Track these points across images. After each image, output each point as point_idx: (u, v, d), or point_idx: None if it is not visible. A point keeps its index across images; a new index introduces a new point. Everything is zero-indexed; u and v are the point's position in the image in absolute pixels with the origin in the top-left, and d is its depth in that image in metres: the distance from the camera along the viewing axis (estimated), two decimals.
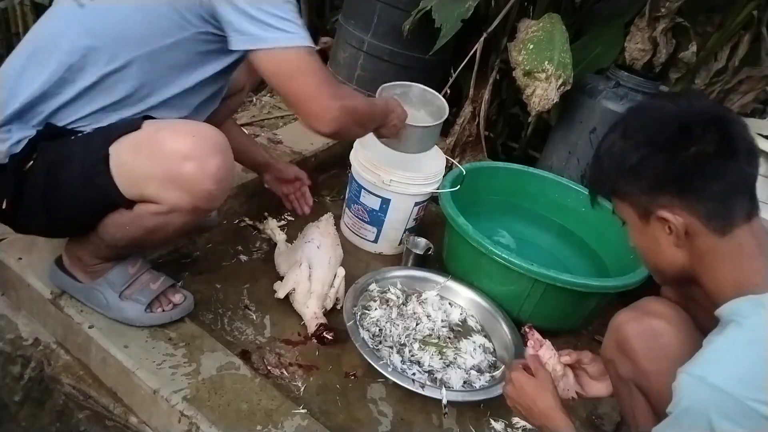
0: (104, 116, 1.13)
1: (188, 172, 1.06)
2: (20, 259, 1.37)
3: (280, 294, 1.47)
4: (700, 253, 0.91)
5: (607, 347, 1.04)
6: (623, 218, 1.01)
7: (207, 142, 1.09)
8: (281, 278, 1.53)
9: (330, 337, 1.40)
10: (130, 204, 1.12)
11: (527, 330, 1.25)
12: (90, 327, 1.26)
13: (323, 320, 1.43)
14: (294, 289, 1.47)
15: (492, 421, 1.37)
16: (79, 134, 1.12)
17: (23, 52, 1.15)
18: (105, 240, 1.19)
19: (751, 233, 0.89)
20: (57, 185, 1.11)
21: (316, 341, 1.42)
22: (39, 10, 2.78)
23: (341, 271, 1.54)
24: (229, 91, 1.44)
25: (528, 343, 1.23)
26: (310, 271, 1.49)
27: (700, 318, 1.00)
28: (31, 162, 1.10)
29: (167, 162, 1.07)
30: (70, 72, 1.09)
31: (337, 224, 1.93)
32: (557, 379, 1.16)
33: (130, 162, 1.08)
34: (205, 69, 1.18)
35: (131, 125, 1.10)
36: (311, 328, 1.42)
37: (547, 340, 1.23)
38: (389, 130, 1.45)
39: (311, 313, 1.43)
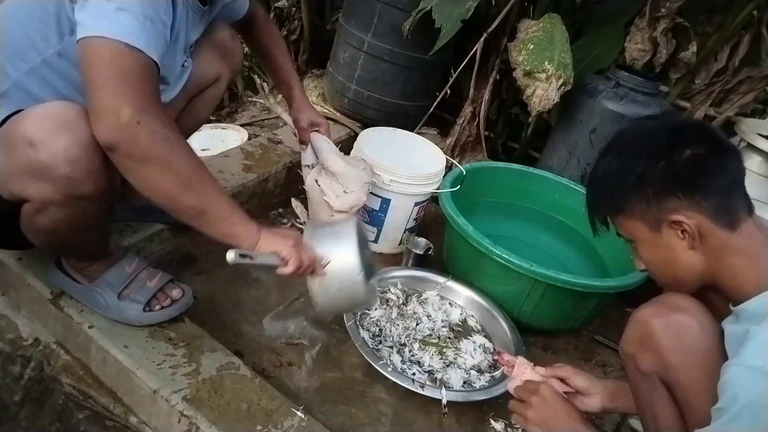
0: None
1: (35, 159, 0.95)
2: (20, 259, 1.37)
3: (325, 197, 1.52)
4: (714, 252, 0.93)
5: (629, 342, 1.03)
6: (631, 237, 1.03)
7: (50, 120, 0.96)
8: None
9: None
10: (14, 206, 1.04)
11: (496, 357, 1.26)
12: (90, 327, 1.26)
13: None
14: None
15: (492, 421, 1.37)
16: None
17: None
18: (37, 246, 1.15)
19: (756, 226, 0.94)
20: None
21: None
22: None
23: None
24: (203, 83, 1.43)
25: (513, 372, 1.22)
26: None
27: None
28: None
29: (17, 152, 0.97)
30: None
31: None
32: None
33: None
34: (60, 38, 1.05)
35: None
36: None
37: (518, 357, 1.24)
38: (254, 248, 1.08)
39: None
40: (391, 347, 1.44)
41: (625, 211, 1.00)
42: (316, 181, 1.56)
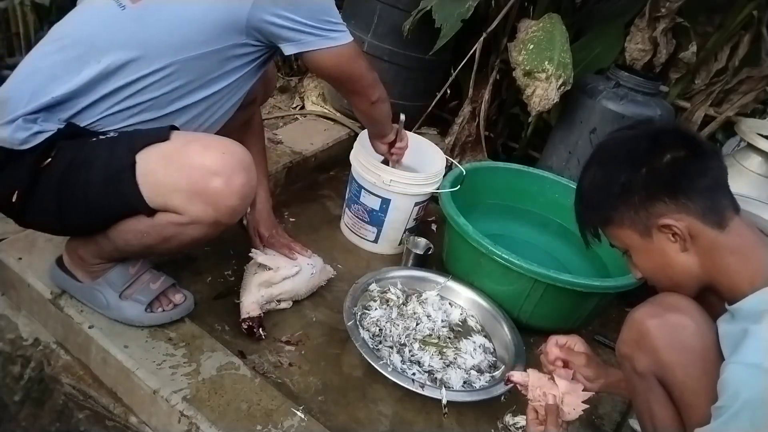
0: (127, 117, 1.14)
1: (215, 188, 1.08)
2: (20, 259, 1.37)
3: (260, 259, 1.47)
4: (707, 252, 0.94)
5: (625, 342, 1.03)
6: (624, 246, 1.04)
7: (234, 158, 1.11)
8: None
9: (261, 334, 1.39)
10: (151, 212, 1.12)
11: (508, 382, 1.22)
12: (90, 327, 1.26)
13: (259, 314, 1.41)
14: (266, 269, 1.45)
15: (492, 421, 1.37)
16: (101, 136, 1.12)
17: (55, 47, 1.15)
18: (116, 243, 1.18)
19: (744, 225, 0.95)
20: (75, 186, 1.11)
21: (244, 328, 1.39)
22: (39, 10, 2.78)
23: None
24: (242, 102, 1.45)
25: (530, 384, 1.18)
26: (293, 278, 1.48)
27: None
28: (49, 159, 1.10)
29: (195, 176, 1.08)
30: (104, 73, 1.10)
31: (337, 224, 1.93)
32: (560, 401, 1.14)
33: (158, 172, 1.09)
34: (230, 77, 1.22)
35: (159, 135, 1.12)
36: (246, 313, 1.40)
37: (529, 371, 1.20)
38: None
39: (254, 299, 1.42)
40: (391, 347, 1.44)
41: (614, 221, 1.01)
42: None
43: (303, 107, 2.59)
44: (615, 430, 1.46)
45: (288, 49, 1.21)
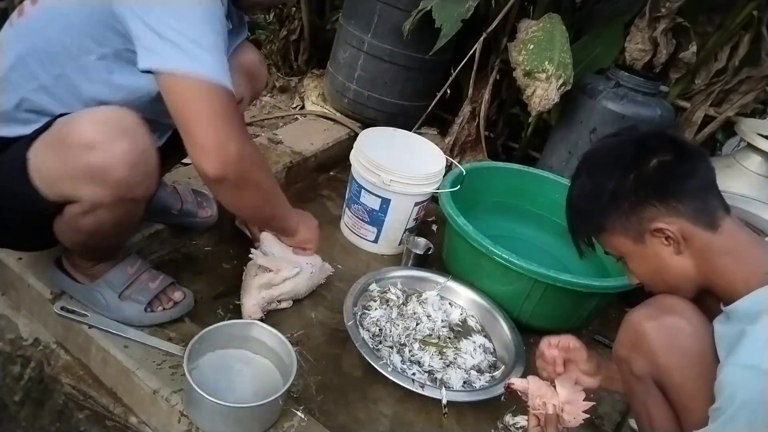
0: (30, 124, 1.09)
1: (95, 162, 0.97)
2: (20, 259, 1.37)
3: (260, 261, 1.43)
4: (701, 254, 0.94)
5: (622, 345, 1.03)
6: (618, 253, 1.04)
7: (111, 125, 0.99)
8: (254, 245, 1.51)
9: None
10: (60, 208, 1.06)
11: (508, 389, 1.21)
12: (90, 327, 1.26)
13: (261, 316, 1.41)
14: (266, 270, 1.44)
15: (492, 421, 1.37)
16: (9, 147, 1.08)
17: None
18: (67, 246, 1.16)
19: (736, 225, 0.95)
20: None
21: None
22: None
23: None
24: None
25: (530, 392, 1.17)
26: (293, 278, 1.47)
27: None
28: None
29: (73, 155, 0.98)
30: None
31: (337, 224, 1.93)
32: (561, 410, 1.14)
33: (43, 163, 1.02)
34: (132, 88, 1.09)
35: (47, 125, 1.05)
36: (247, 316, 1.39)
37: (529, 378, 1.18)
38: (293, 237, 1.41)
39: (255, 301, 1.41)
40: (391, 347, 1.44)
41: (606, 228, 1.02)
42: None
43: (303, 107, 2.59)
44: (615, 430, 1.46)
45: (141, 60, 0.98)
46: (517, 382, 1.19)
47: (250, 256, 1.47)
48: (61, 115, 1.06)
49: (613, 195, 0.98)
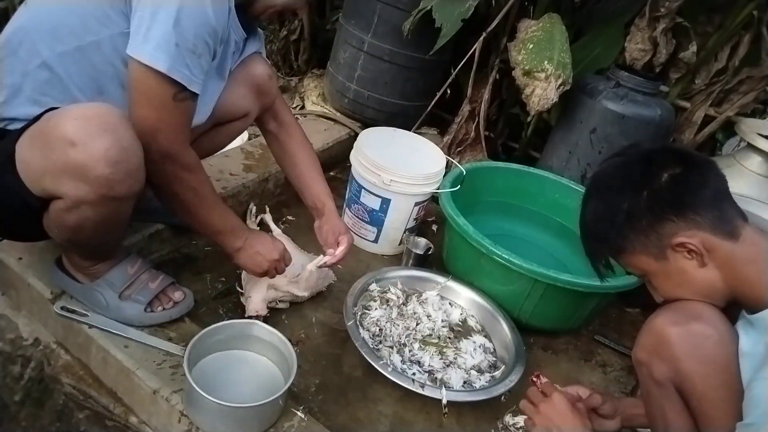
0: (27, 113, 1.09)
1: (75, 159, 0.96)
2: (20, 259, 1.37)
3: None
4: (726, 264, 0.93)
5: (642, 349, 1.01)
6: (641, 272, 1.02)
7: (92, 122, 0.98)
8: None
9: None
10: (46, 202, 1.05)
11: (535, 378, 1.17)
12: (90, 327, 1.26)
13: (266, 313, 1.41)
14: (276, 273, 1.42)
15: (492, 421, 1.37)
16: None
17: None
18: (57, 242, 1.16)
19: (756, 232, 0.93)
20: None
21: None
22: None
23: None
24: (232, 116, 1.43)
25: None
26: (297, 280, 1.47)
27: None
28: None
29: (55, 151, 0.98)
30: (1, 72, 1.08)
31: None
32: None
33: (27, 156, 1.02)
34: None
35: (36, 117, 1.04)
36: (254, 311, 1.39)
37: (555, 387, 1.16)
38: (237, 254, 1.30)
39: (263, 297, 1.41)
40: (391, 347, 1.44)
41: (626, 249, 1.00)
42: None
43: (303, 107, 2.59)
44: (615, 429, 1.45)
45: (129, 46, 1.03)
46: (544, 379, 1.16)
47: None
48: (51, 109, 1.05)
49: (629, 215, 0.96)
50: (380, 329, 1.48)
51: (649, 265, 0.99)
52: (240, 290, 1.47)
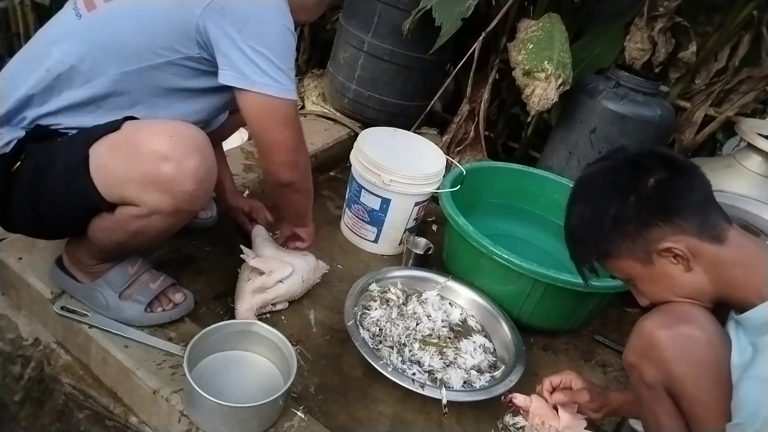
0: (83, 116, 1.13)
1: (167, 173, 1.04)
2: (20, 259, 1.37)
3: (252, 262, 1.44)
4: (712, 268, 0.93)
5: (632, 352, 1.01)
6: (627, 276, 1.03)
7: (185, 141, 1.06)
8: (248, 243, 1.53)
9: None
10: (111, 207, 1.10)
11: (509, 402, 1.21)
12: (90, 327, 1.26)
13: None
14: (259, 273, 1.44)
15: (492, 421, 1.37)
16: (65, 136, 1.12)
17: (20, 57, 1.17)
18: (94, 243, 1.18)
19: (741, 235, 0.94)
20: (42, 187, 1.10)
21: None
22: (39, 10, 2.78)
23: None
24: (234, 106, 1.45)
25: (531, 410, 1.19)
26: (287, 280, 1.46)
27: None
28: (19, 163, 1.10)
29: (145, 163, 1.04)
30: (58, 81, 1.10)
31: (337, 224, 1.93)
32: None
33: (109, 164, 1.07)
34: (200, 99, 1.20)
35: (112, 126, 1.09)
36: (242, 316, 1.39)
37: (533, 396, 1.19)
38: (307, 228, 1.52)
39: (248, 306, 1.40)
40: (391, 347, 1.44)
41: (612, 253, 1.00)
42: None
43: (303, 107, 2.59)
44: (615, 430, 1.46)
45: (225, 76, 1.11)
46: (520, 399, 1.20)
47: (242, 256, 1.47)
48: (128, 118, 1.11)
49: (616, 220, 0.97)
50: (380, 329, 1.48)
51: (635, 269, 1.00)
52: None
